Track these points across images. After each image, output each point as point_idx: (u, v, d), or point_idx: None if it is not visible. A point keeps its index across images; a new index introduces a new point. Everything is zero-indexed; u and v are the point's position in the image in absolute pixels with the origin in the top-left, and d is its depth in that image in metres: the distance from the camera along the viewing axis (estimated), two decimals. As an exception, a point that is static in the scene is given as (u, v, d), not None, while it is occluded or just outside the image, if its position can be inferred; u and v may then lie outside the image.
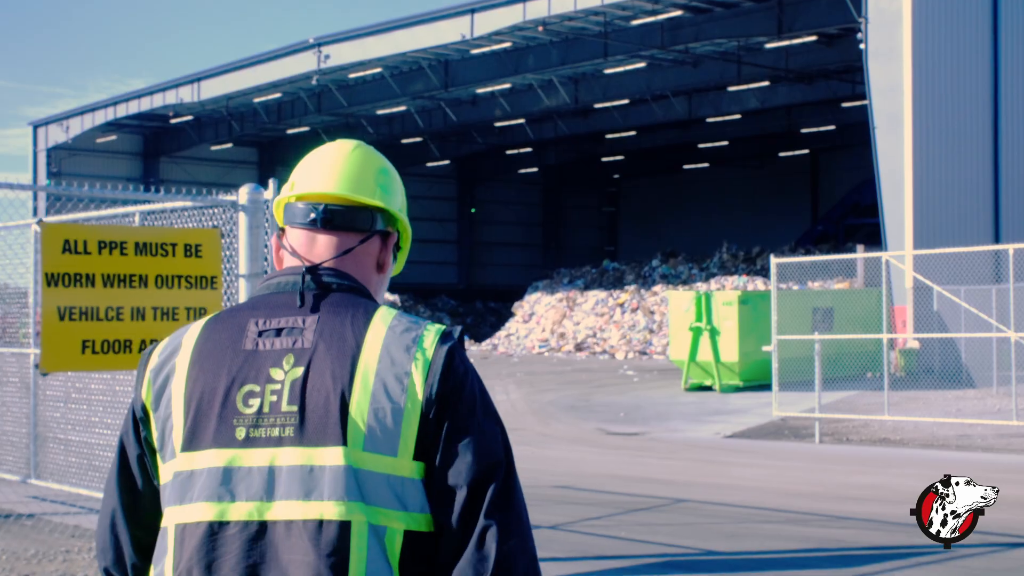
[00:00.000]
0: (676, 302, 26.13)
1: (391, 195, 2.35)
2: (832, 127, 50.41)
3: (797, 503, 11.19)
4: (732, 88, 43.38)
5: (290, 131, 53.19)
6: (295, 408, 2.07)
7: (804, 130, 51.72)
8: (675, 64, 40.93)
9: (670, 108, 46.36)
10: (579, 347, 40.90)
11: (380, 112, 48.51)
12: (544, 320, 44.70)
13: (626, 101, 45.95)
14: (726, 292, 26.72)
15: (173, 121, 51.04)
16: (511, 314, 48.50)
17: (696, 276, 45.02)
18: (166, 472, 2.15)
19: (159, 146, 55.05)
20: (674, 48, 37.50)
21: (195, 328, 2.23)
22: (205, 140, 53.42)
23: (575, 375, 30.65)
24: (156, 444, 2.18)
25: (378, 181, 2.34)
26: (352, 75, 43.37)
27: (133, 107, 49.56)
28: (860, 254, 25.05)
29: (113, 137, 53.10)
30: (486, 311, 57.48)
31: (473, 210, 63.49)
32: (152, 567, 2.16)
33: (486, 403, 2.15)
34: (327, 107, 47.08)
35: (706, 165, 60.92)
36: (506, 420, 2.35)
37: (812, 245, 48.67)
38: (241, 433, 2.08)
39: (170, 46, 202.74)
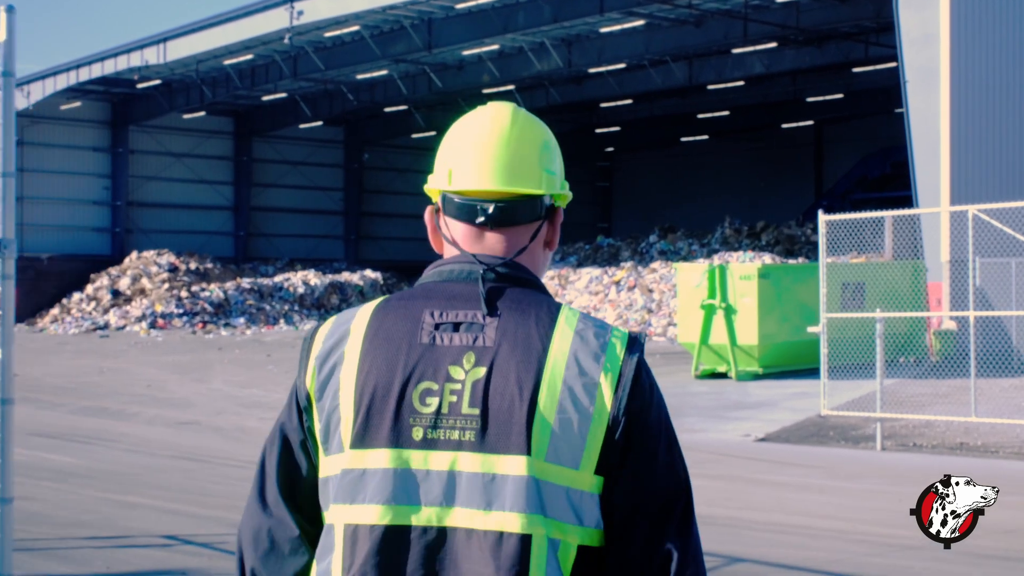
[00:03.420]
0: (685, 276, 22.96)
1: (556, 173, 2.28)
2: (839, 95, 48.07)
3: (912, 563, 7.88)
4: (736, 51, 40.69)
5: (266, 98, 50.45)
6: (477, 411, 2.00)
7: (810, 99, 49.46)
8: (676, 24, 38.06)
9: (669, 74, 43.78)
10: (572, 328, 38.17)
11: (360, 77, 45.69)
12: (534, 299, 42.05)
13: (622, 66, 43.25)
14: (743, 264, 23.63)
15: (140, 86, 48.03)
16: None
17: (697, 252, 42.66)
18: (330, 466, 2.08)
19: (127, 114, 52.18)
20: (676, 3, 34.53)
21: (364, 313, 2.15)
22: (176, 108, 50.54)
23: (569, 359, 27.57)
24: (319, 435, 2.10)
25: (543, 163, 2.23)
26: (328, 34, 40.47)
27: (96, 70, 46.58)
28: (925, 209, 21.96)
29: (78, 104, 50.17)
30: (474, 289, 55.06)
31: (461, 184, 60.99)
32: (316, 563, 2.08)
33: (669, 421, 2.10)
34: (303, 71, 44.21)
35: (705, 137, 58.65)
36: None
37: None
38: (419, 433, 2.01)
39: (143, 10, 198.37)
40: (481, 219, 2.17)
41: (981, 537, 8.20)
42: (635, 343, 2.09)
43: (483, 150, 2.19)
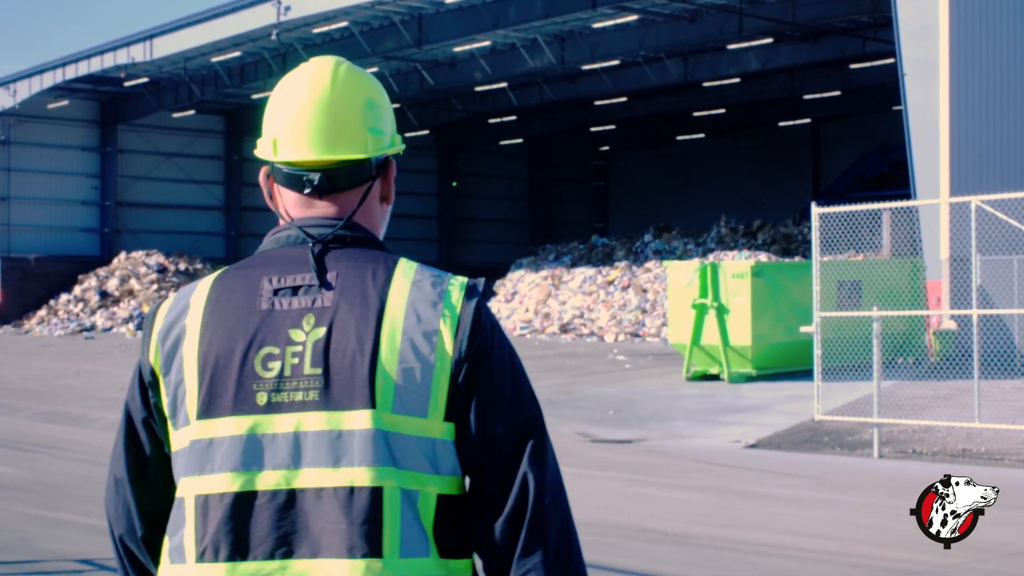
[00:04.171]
0: (676, 275, 22.20)
1: (384, 131, 2.22)
2: (837, 92, 47.34)
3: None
4: (732, 46, 39.95)
5: (255, 96, 49.66)
6: (319, 371, 2.00)
7: (807, 96, 48.69)
8: (670, 19, 37.37)
9: (664, 71, 43.08)
10: (564, 328, 37.61)
11: (350, 74, 44.87)
12: (528, 300, 41.47)
13: (616, 62, 42.57)
14: (736, 262, 22.89)
15: (127, 84, 47.36)
16: (493, 293, 45.23)
17: (692, 252, 41.93)
18: (179, 439, 2.08)
19: (116, 113, 51.51)
20: (670, -3, 33.90)
21: (203, 286, 2.15)
22: (165, 106, 49.88)
23: (558, 360, 26.84)
24: (167, 410, 2.10)
25: (367, 122, 2.19)
26: (317, 30, 39.81)
27: (83, 68, 46.03)
28: (924, 201, 21.20)
29: (65, 103, 49.49)
30: (468, 290, 54.51)
31: (455, 184, 60.40)
32: (168, 538, 2.08)
33: (515, 358, 2.11)
34: (293, 68, 43.27)
35: (701, 136, 57.93)
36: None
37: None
38: (262, 398, 2.01)
39: (132, 7, 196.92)
40: (307, 190, 2.16)
41: (988, 560, 7.46)
42: (473, 289, 2.10)
43: (302, 117, 2.17)
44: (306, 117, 2.16)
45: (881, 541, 8.46)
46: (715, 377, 21.46)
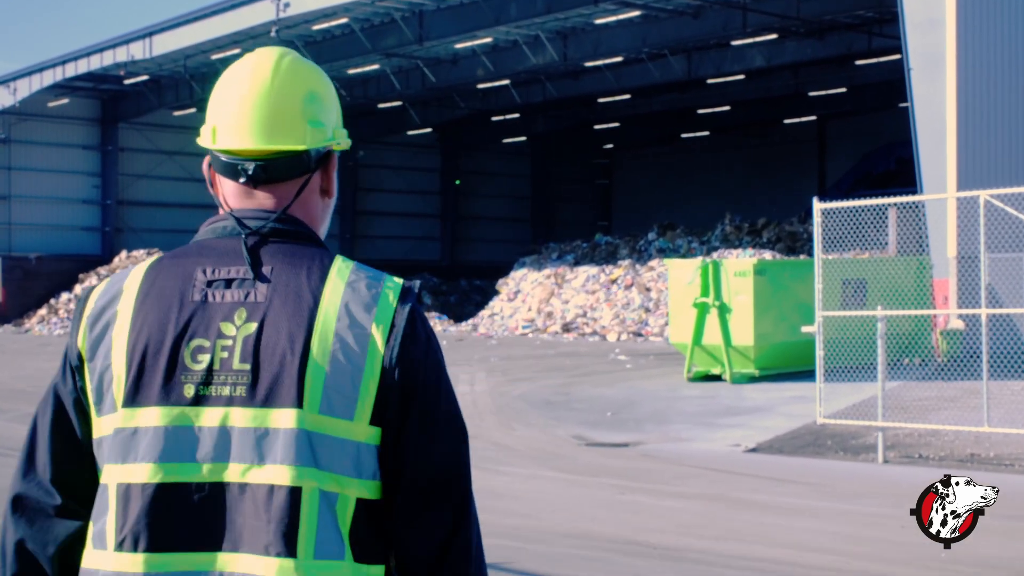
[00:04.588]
0: (677, 273, 21.75)
1: (325, 123, 2.21)
2: (842, 89, 46.92)
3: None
4: (736, 42, 39.50)
5: (256, 94, 49.38)
6: (247, 366, 2.00)
7: (812, 93, 48.23)
8: (673, 15, 36.93)
9: (667, 68, 42.68)
10: (567, 328, 37.22)
11: (352, 72, 44.61)
12: (530, 298, 41.13)
13: (619, 59, 42.15)
14: (738, 260, 22.43)
15: (127, 82, 47.08)
16: (496, 292, 44.92)
17: (696, 250, 41.54)
18: (103, 426, 2.07)
19: (117, 111, 51.27)
20: (673, -8, 33.50)
21: (137, 273, 2.13)
22: (166, 104, 49.60)
23: (558, 360, 26.40)
24: (91, 396, 2.09)
25: (307, 114, 2.17)
26: (316, 27, 39.48)
27: (83, 66, 45.78)
28: (931, 195, 20.77)
29: (65, 101, 49.23)
30: (471, 289, 54.43)
31: (457, 182, 60.04)
32: (92, 523, 2.07)
33: (445, 372, 2.12)
34: (293, 65, 43.12)
35: (706, 133, 57.52)
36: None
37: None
38: (190, 391, 2.01)
39: (132, 5, 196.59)
40: (243, 179, 2.15)
41: (998, 579, 7.01)
42: (408, 293, 2.09)
43: (242, 106, 2.15)
44: (246, 106, 2.15)
45: (885, 556, 7.97)
46: (717, 378, 21.02)
